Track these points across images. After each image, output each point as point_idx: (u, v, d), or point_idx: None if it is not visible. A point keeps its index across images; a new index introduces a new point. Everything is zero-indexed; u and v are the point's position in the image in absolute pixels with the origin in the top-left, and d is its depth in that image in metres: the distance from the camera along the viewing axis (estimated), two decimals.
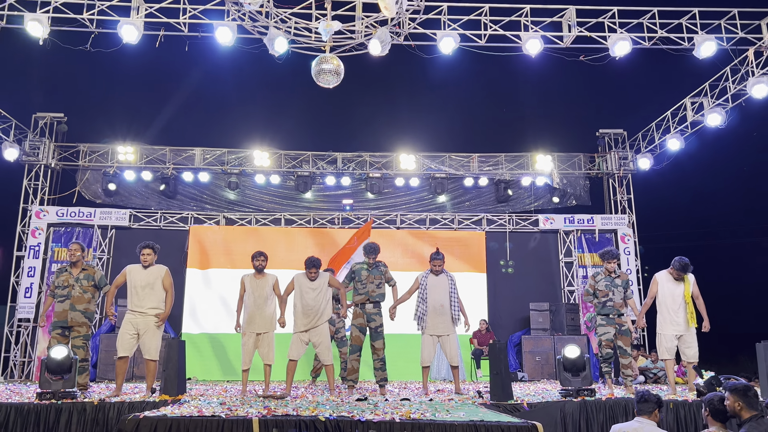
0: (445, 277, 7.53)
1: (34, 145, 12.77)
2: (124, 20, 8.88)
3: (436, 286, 7.45)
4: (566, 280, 13.37)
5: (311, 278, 7.24)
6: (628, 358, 7.57)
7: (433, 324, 7.38)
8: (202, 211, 13.39)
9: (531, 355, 11.50)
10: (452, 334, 7.45)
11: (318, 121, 16.13)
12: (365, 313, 7.44)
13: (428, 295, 7.41)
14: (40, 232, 12.53)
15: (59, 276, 7.19)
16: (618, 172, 13.83)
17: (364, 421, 4.54)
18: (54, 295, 7.15)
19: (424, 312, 7.40)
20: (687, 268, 7.33)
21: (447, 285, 7.47)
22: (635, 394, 4.47)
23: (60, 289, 7.10)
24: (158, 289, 6.87)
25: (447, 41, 9.38)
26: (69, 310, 6.97)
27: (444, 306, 7.38)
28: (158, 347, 6.86)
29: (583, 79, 14.50)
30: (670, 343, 7.37)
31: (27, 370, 12.20)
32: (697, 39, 9.51)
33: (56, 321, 7.00)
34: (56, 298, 7.11)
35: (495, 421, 4.59)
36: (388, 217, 13.65)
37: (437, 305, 7.38)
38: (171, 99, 15.92)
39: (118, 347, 6.75)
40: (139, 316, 6.75)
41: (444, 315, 7.37)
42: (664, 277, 7.50)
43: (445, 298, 7.40)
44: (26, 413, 5.50)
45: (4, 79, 14.15)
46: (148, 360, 6.80)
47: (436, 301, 7.39)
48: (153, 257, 6.99)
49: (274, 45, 8.86)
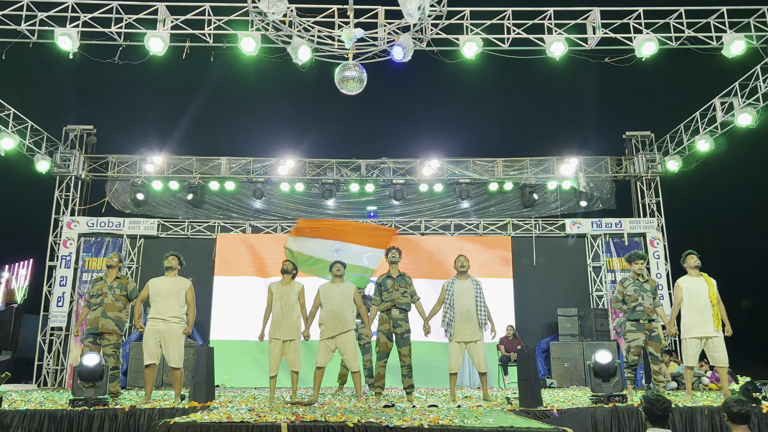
0: (470, 282, 7.50)
1: (64, 157, 13.06)
2: (150, 32, 9.05)
3: (463, 291, 7.42)
4: (594, 285, 13.18)
5: (337, 277, 7.31)
6: (659, 363, 7.39)
7: (460, 330, 7.34)
8: (229, 219, 13.53)
9: (560, 362, 11.34)
10: (479, 341, 7.38)
11: (341, 128, 16.21)
12: (391, 318, 7.37)
13: (455, 301, 7.38)
14: (72, 242, 12.78)
15: (94, 285, 7.30)
16: (646, 174, 13.62)
17: (392, 427, 4.51)
18: (89, 305, 7.25)
19: (452, 318, 7.37)
20: (692, 259, 7.20)
21: (473, 290, 7.43)
22: (645, 403, 4.23)
23: (94, 297, 7.21)
24: (181, 299, 6.99)
25: (470, 46, 9.36)
26: (101, 317, 7.07)
27: (471, 311, 7.34)
28: (181, 355, 6.93)
29: (609, 81, 14.32)
30: (695, 350, 7.07)
31: (60, 378, 12.42)
32: (725, 38, 9.34)
33: (89, 328, 7.12)
34: (91, 306, 7.22)
35: (525, 428, 4.52)
36: (412, 223, 13.63)
37: (464, 311, 7.35)
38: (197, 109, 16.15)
39: (144, 355, 6.84)
40: (161, 323, 6.86)
41: (471, 321, 7.33)
42: (685, 280, 7.32)
43: (472, 304, 7.37)
44: (59, 420, 5.59)
45: (36, 93, 14.51)
46: (173, 368, 6.89)
47: (463, 307, 7.35)
48: (176, 263, 7.11)
49: (298, 53, 8.93)
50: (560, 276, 13.23)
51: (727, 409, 4.20)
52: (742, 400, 4.27)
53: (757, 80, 10.65)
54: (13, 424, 5.58)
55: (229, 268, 12.79)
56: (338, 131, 16.16)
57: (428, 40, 9.46)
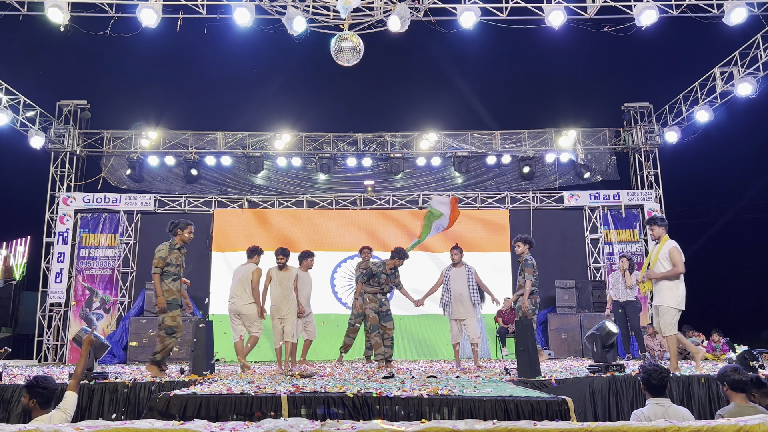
0: (464, 269, 8.47)
1: (59, 133, 12.94)
2: (142, 4, 8.89)
3: (456, 277, 8.43)
4: (592, 258, 13.20)
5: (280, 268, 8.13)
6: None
7: (456, 310, 8.37)
8: (226, 194, 13.47)
9: (557, 333, 11.42)
10: (471, 318, 8.33)
11: (338, 101, 16.03)
12: (379, 300, 8.45)
13: (451, 286, 8.42)
14: (68, 219, 12.73)
15: (171, 253, 6.95)
16: (644, 146, 13.56)
17: (392, 397, 4.53)
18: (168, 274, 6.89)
19: (448, 300, 8.43)
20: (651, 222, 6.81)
21: (465, 276, 8.40)
22: (643, 373, 4.20)
23: (173, 266, 6.93)
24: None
25: (467, 15, 9.21)
26: (181, 289, 7.01)
27: (463, 294, 8.32)
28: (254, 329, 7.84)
29: (608, 51, 14.16)
30: (676, 317, 6.54)
31: (60, 353, 12.48)
32: (726, 5, 9.21)
33: (175, 299, 6.88)
34: (170, 276, 6.89)
35: (524, 397, 4.55)
36: (410, 197, 13.59)
37: (457, 294, 8.35)
38: (191, 83, 15.97)
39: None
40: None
41: (463, 302, 8.33)
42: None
43: (464, 288, 8.34)
44: (59, 394, 5.60)
45: (28, 67, 14.31)
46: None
47: (456, 291, 8.36)
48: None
49: (293, 24, 8.79)
50: (558, 248, 13.22)
51: (726, 378, 4.21)
52: (738, 368, 4.29)
53: (758, 49, 10.54)
54: (14, 399, 5.60)
55: (226, 243, 12.77)
56: (334, 104, 15.99)
57: (425, 9, 9.31)
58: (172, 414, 4.39)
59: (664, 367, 4.29)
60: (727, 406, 4.18)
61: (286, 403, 4.48)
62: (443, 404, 4.48)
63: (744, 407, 4.01)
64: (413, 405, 4.48)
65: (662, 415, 3.92)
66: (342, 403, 4.50)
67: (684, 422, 2.73)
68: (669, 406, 4.09)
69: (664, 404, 4.10)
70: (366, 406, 4.50)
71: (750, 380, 4.19)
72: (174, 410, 4.44)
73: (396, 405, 4.49)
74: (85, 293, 12.63)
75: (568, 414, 4.33)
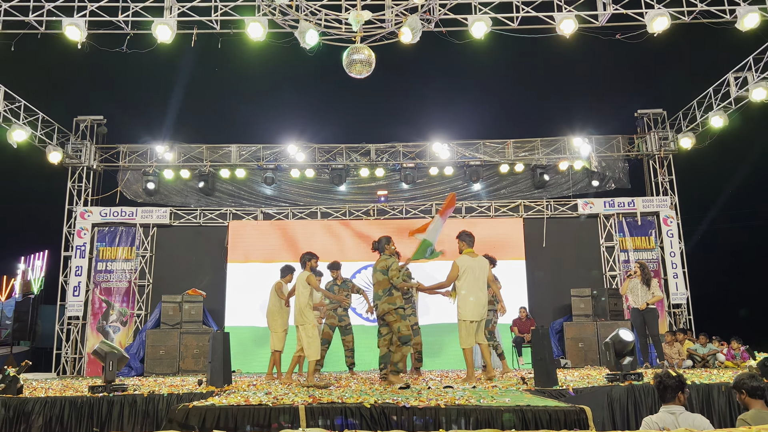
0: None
1: (76, 148, 13.13)
2: (158, 20, 9.03)
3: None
4: (608, 265, 13.12)
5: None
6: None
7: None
8: (240, 206, 13.58)
9: (574, 342, 11.33)
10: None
11: (350, 112, 16.13)
12: (338, 315, 9.18)
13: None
14: (86, 232, 12.89)
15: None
16: (658, 152, 13.49)
17: (408, 407, 4.53)
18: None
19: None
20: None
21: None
22: (654, 380, 4.17)
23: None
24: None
25: (479, 26, 9.26)
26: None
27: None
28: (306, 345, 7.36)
29: (619, 58, 14.12)
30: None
31: (78, 366, 12.59)
32: (739, 11, 9.16)
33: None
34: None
35: (542, 406, 4.53)
36: (423, 207, 13.61)
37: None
38: (206, 97, 16.14)
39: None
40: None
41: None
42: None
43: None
44: (80, 406, 5.67)
45: (46, 84, 14.55)
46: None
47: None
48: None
49: (305, 38, 8.86)
50: (573, 256, 13.17)
51: (743, 385, 4.15)
52: (754, 375, 4.24)
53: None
54: (35, 411, 5.67)
55: (241, 254, 12.85)
56: (347, 116, 16.09)
57: (436, 20, 9.37)
58: (191, 425, 4.43)
59: (672, 373, 4.23)
60: (747, 412, 4.12)
61: (304, 413, 4.50)
62: (460, 414, 4.48)
63: (765, 413, 3.96)
64: (431, 414, 4.48)
65: (672, 423, 3.87)
66: (359, 413, 4.51)
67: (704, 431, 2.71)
68: (680, 413, 4.03)
69: (675, 411, 4.03)
70: (383, 416, 4.50)
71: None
72: (193, 422, 4.47)
73: (414, 415, 4.49)
74: (102, 306, 12.76)
75: (587, 423, 4.30)
